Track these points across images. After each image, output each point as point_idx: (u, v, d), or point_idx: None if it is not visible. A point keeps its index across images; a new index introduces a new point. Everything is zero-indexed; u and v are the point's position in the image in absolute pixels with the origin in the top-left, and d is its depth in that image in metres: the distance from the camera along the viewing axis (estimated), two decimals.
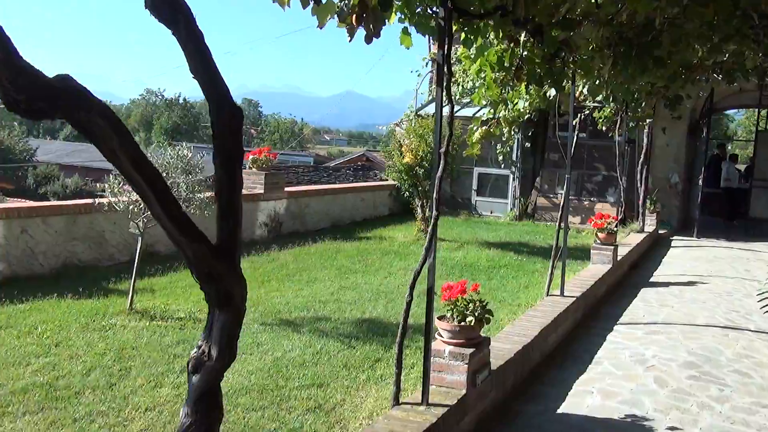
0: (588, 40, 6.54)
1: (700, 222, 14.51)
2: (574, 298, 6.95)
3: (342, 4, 3.07)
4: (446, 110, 3.80)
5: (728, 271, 10.38)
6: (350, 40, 3.67)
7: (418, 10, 4.34)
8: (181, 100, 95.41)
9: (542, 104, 6.43)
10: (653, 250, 12.20)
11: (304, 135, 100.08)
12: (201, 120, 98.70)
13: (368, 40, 3.67)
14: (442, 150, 3.73)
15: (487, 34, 4.48)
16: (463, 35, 4.54)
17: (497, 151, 15.25)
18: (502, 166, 15.47)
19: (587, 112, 11.97)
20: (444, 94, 3.73)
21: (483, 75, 5.24)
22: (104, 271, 8.13)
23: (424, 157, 11.14)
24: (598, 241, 9.03)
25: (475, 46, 4.94)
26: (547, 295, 7.03)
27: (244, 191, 8.44)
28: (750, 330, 6.97)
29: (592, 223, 9.13)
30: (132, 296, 6.34)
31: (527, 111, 6.83)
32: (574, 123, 7.26)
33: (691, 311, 7.64)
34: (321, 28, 3.05)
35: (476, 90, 5.25)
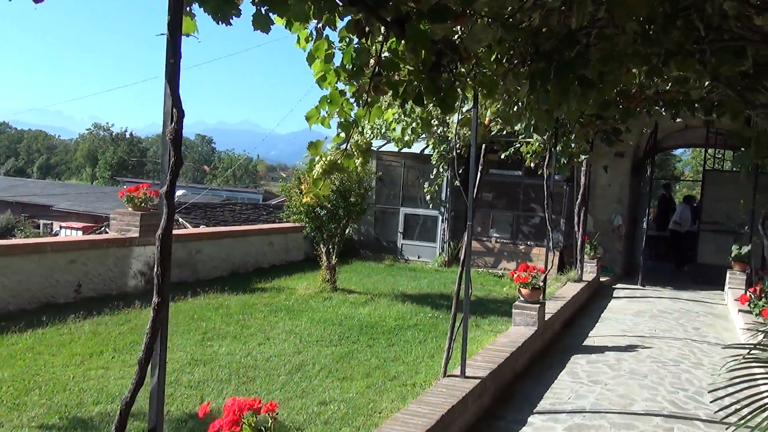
0: (489, 48, 5.10)
1: (644, 269, 13.22)
2: (479, 380, 5.37)
3: None
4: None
5: (675, 330, 8.98)
6: None
7: None
8: (127, 135, 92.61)
9: (426, 130, 4.99)
10: (592, 303, 10.78)
11: (258, 172, 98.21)
12: (148, 155, 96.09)
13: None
14: (164, 190, 2.14)
15: (303, 15, 2.94)
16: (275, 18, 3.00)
17: (425, 190, 13.81)
18: (431, 206, 14.00)
19: (518, 145, 10.62)
20: (171, 103, 2.16)
21: (327, 82, 3.72)
22: None
23: (326, 196, 9.56)
24: (522, 299, 7.53)
25: (302, 39, 3.41)
26: (444, 375, 5.44)
27: (115, 235, 6.60)
28: (700, 419, 5.48)
29: (515, 276, 7.63)
30: None
31: (413, 139, 5.40)
32: (484, 156, 5.79)
33: (629, 391, 6.13)
34: None
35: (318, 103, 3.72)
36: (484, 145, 13.52)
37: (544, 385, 6.24)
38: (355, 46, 3.54)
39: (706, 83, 8.45)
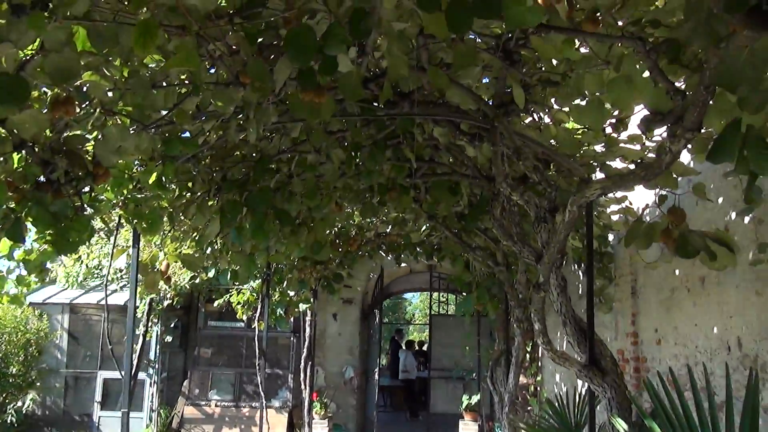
0: (146, 166, 3.80)
1: (379, 422, 12.26)
2: None
3: None
4: None
5: None
6: None
7: None
8: None
9: (39, 276, 3.49)
10: None
11: None
12: None
13: None
14: None
15: None
16: None
17: None
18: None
19: (229, 297, 9.28)
20: None
21: None
22: None
23: None
24: None
25: None
26: None
27: None
28: None
29: None
30: None
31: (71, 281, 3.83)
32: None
33: None
34: None
35: None
36: (200, 294, 12.04)
37: None
38: None
39: (425, 226, 8.08)
